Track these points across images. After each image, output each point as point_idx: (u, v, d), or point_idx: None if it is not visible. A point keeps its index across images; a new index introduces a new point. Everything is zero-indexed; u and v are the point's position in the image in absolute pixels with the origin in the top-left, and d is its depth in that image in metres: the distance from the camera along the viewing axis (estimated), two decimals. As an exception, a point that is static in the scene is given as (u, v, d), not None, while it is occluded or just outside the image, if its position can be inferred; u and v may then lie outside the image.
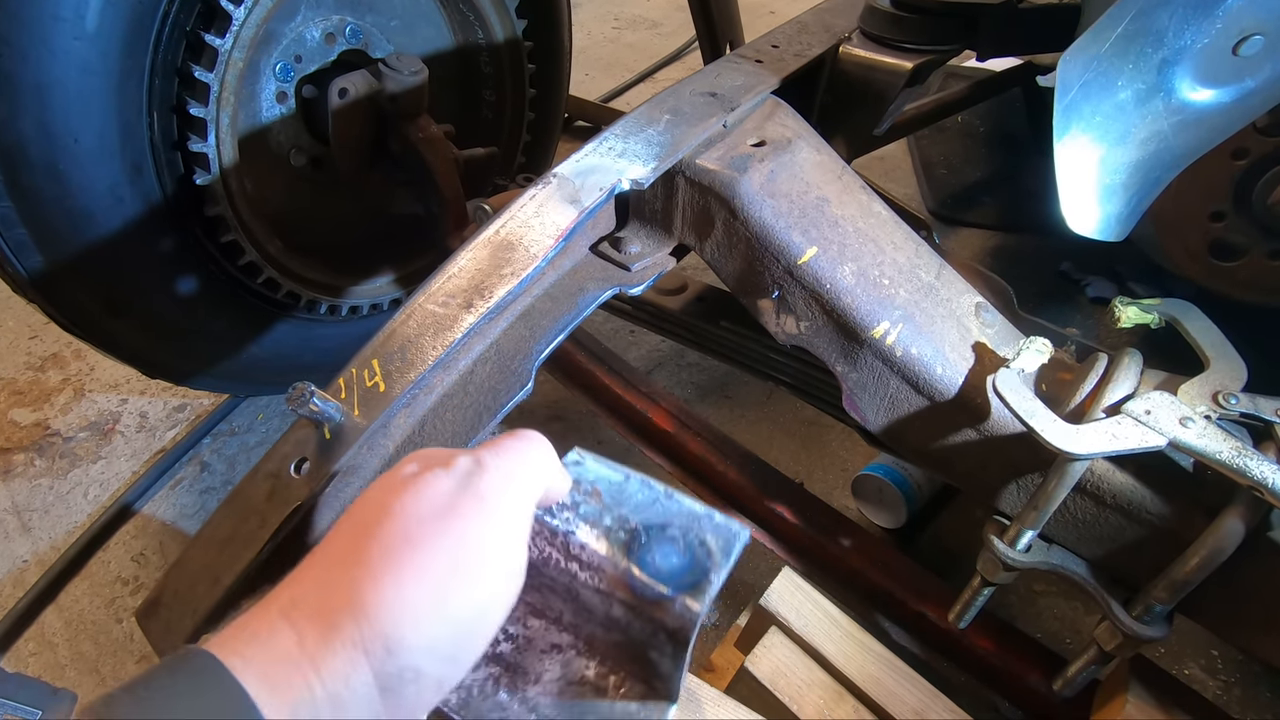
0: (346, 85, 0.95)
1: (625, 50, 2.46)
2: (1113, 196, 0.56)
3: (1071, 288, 1.47)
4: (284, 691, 0.29)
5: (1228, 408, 0.51)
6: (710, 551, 0.41)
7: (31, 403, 1.28)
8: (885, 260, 0.64)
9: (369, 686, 0.31)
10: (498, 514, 0.35)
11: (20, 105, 0.73)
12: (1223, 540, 0.50)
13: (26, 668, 0.94)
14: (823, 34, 0.86)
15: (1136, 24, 0.48)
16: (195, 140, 0.85)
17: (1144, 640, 0.57)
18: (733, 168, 0.63)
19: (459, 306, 0.54)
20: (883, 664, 0.75)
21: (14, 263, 0.81)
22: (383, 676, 0.31)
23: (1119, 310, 0.58)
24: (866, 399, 0.65)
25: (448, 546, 0.33)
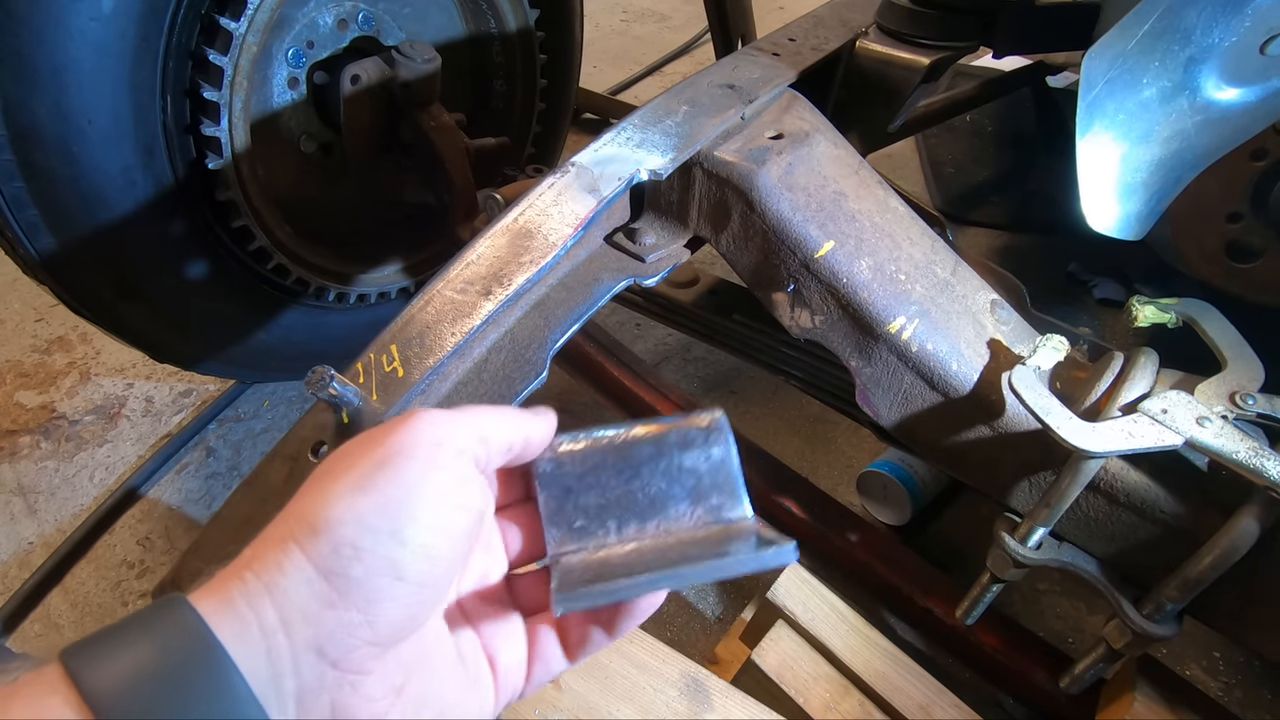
0: (359, 72, 0.95)
1: (633, 43, 2.45)
2: (1133, 195, 0.56)
3: (1079, 288, 1.47)
4: (220, 592, 0.30)
5: (1245, 408, 0.51)
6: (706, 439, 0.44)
7: (37, 385, 1.28)
8: (902, 255, 0.64)
9: (305, 569, 0.30)
10: (428, 422, 0.35)
11: (36, 86, 0.73)
12: (1237, 540, 0.51)
13: (33, 649, 0.94)
14: (839, 28, 0.86)
15: (1164, 21, 0.48)
16: (208, 124, 0.85)
17: (1154, 639, 0.57)
18: (751, 160, 0.63)
19: (477, 294, 0.54)
20: (888, 659, 0.75)
21: (25, 244, 0.80)
22: (318, 556, 0.30)
23: (1136, 309, 0.58)
24: (880, 394, 0.65)
25: (374, 453, 0.33)
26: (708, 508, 0.42)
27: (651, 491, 0.42)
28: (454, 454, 0.35)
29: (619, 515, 0.42)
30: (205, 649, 0.28)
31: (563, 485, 0.41)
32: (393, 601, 0.31)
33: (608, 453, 0.42)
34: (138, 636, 0.28)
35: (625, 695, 0.65)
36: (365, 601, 0.31)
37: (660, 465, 0.42)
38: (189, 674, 0.27)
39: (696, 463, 0.42)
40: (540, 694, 0.64)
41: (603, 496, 0.42)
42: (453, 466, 0.35)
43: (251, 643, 0.29)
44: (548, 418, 0.41)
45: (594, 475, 0.42)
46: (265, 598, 0.30)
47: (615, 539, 0.42)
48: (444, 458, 0.34)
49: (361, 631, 0.31)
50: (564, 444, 0.42)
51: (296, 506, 0.32)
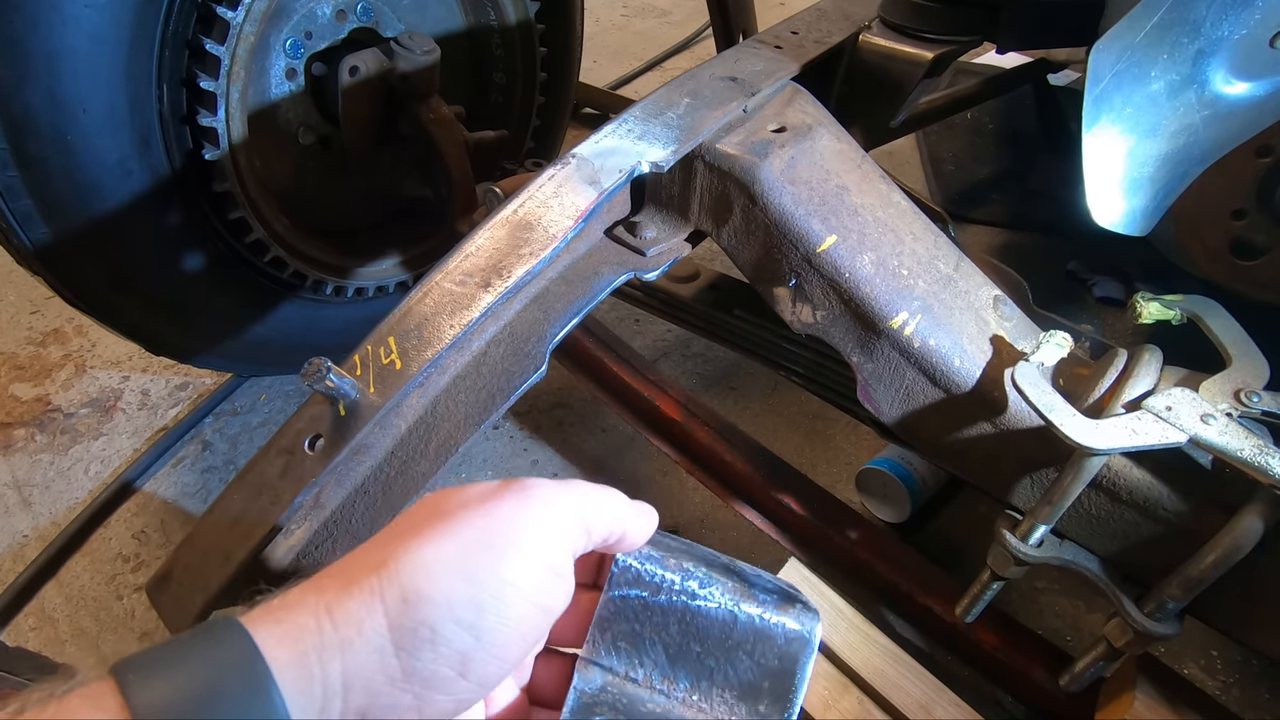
0: (357, 63, 0.94)
1: (633, 38, 2.44)
2: (1139, 190, 0.55)
3: (1078, 287, 1.47)
4: (293, 636, 0.29)
5: (1250, 406, 0.51)
6: (787, 584, 0.41)
7: (32, 378, 1.28)
8: (904, 250, 0.63)
9: (382, 637, 0.30)
10: (539, 502, 0.34)
11: (29, 73, 0.72)
12: (1240, 538, 0.50)
13: (27, 642, 0.93)
14: (842, 22, 0.85)
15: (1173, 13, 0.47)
16: (204, 114, 0.84)
17: (1155, 638, 0.57)
18: (753, 153, 0.62)
19: (476, 286, 0.53)
20: (888, 656, 0.75)
21: (19, 234, 0.80)
22: (398, 629, 0.30)
23: (1140, 306, 0.58)
24: (882, 390, 0.64)
25: (480, 522, 0.32)
26: (751, 708, 0.39)
27: (705, 660, 0.39)
28: (558, 549, 0.34)
29: (662, 661, 0.39)
30: (265, 699, 0.27)
31: (627, 600, 0.39)
32: (448, 694, 0.31)
33: (685, 596, 0.39)
34: (197, 664, 0.28)
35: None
36: (423, 687, 0.30)
37: (729, 641, 0.39)
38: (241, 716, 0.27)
39: (765, 658, 0.39)
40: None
41: (657, 634, 0.39)
42: (554, 563, 0.34)
43: (311, 700, 0.28)
44: (650, 517, 0.39)
45: (661, 612, 0.39)
46: (337, 657, 0.29)
47: (646, 681, 0.39)
48: (548, 553, 0.34)
49: (409, 713, 0.31)
50: (650, 562, 0.40)
51: (391, 552, 0.31)
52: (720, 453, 0.94)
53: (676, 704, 0.39)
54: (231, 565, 0.47)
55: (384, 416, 0.50)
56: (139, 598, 0.98)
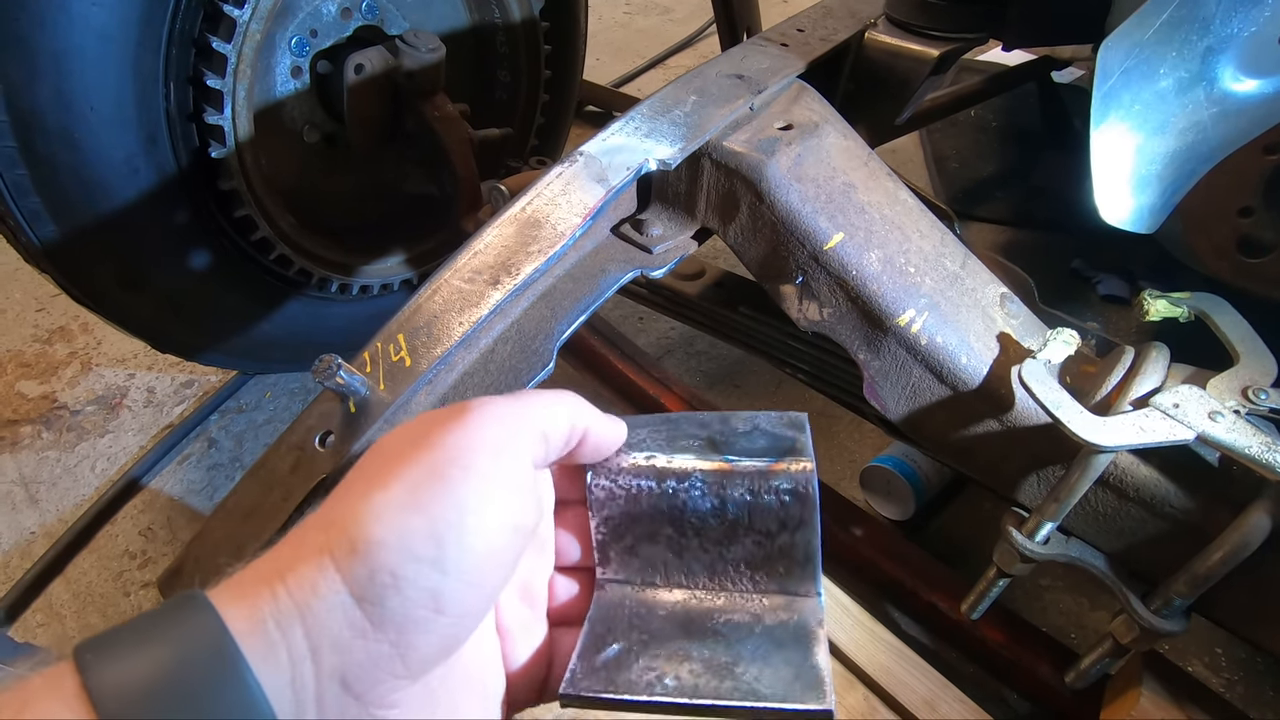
0: (362, 61, 0.94)
1: (636, 36, 2.44)
2: (1147, 187, 0.55)
3: (1082, 285, 1.47)
4: (248, 605, 0.28)
5: (1258, 403, 0.51)
6: (785, 426, 0.39)
7: (39, 375, 1.28)
8: (911, 248, 0.63)
9: (340, 592, 0.28)
10: (485, 420, 0.32)
11: (37, 71, 0.72)
12: (1248, 535, 0.50)
13: (34, 639, 0.93)
14: (848, 19, 0.85)
15: (1183, 10, 0.47)
16: (211, 112, 0.84)
17: (1162, 634, 0.57)
18: (760, 150, 0.63)
19: (485, 283, 0.53)
20: (893, 653, 0.75)
21: (27, 231, 0.80)
22: (355, 581, 0.28)
23: (1148, 303, 0.58)
24: (888, 387, 0.64)
25: (425, 457, 0.30)
26: (775, 577, 0.37)
27: (711, 548, 0.37)
28: (515, 464, 0.32)
29: (671, 560, 0.38)
30: (232, 671, 0.26)
31: (611, 519, 0.38)
32: (428, 635, 0.29)
33: (666, 498, 0.37)
34: (158, 641, 0.27)
35: (630, 688, 0.65)
36: (398, 633, 0.29)
37: (725, 524, 0.37)
38: (211, 694, 0.26)
39: (769, 526, 0.37)
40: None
41: (654, 538, 0.38)
42: (513, 480, 0.32)
43: (279, 669, 0.27)
44: (615, 423, 0.38)
45: (649, 519, 0.38)
46: (297, 621, 0.28)
47: (664, 582, 0.38)
48: (505, 470, 0.31)
49: (391, 665, 0.29)
50: (620, 476, 0.38)
51: (338, 508, 0.30)
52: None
53: (701, 594, 0.37)
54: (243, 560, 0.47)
55: (394, 414, 0.50)
56: (146, 594, 0.99)
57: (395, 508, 0.29)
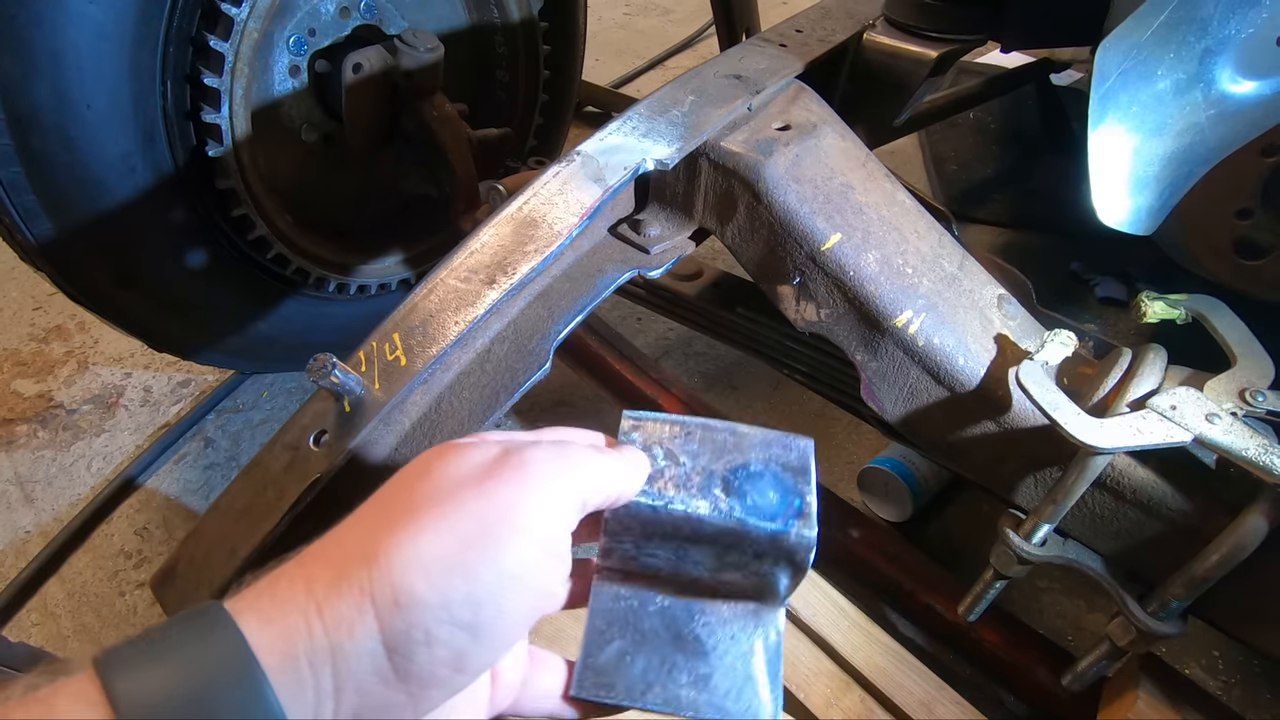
0: (361, 60, 0.94)
1: (636, 36, 2.44)
2: (1145, 189, 0.55)
3: (1080, 287, 1.47)
4: (283, 637, 0.28)
5: (1255, 405, 0.51)
6: (794, 472, 0.42)
7: (35, 374, 1.28)
8: (909, 249, 0.63)
9: (374, 640, 0.28)
10: (538, 483, 0.32)
11: (34, 69, 0.72)
12: (1245, 537, 0.50)
13: (29, 638, 0.93)
14: (846, 20, 0.85)
15: (1180, 11, 0.47)
16: (208, 111, 0.84)
17: (1159, 637, 0.57)
18: (758, 151, 0.62)
19: (481, 282, 0.53)
20: (890, 655, 0.75)
21: (23, 229, 0.80)
22: (390, 632, 0.29)
23: (1145, 305, 0.58)
24: (885, 389, 0.64)
25: (478, 508, 0.31)
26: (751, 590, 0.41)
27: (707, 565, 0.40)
28: (561, 531, 0.33)
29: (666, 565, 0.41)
30: (259, 701, 0.26)
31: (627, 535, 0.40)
32: (444, 689, 0.31)
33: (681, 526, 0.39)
34: (185, 661, 0.27)
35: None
36: (418, 686, 0.30)
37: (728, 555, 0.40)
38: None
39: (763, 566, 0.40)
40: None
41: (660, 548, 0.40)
42: (556, 547, 0.33)
43: (304, 705, 0.28)
44: (640, 470, 0.39)
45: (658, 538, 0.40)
46: (329, 661, 0.28)
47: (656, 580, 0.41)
48: (551, 537, 0.32)
49: (404, 711, 0.30)
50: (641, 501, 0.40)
51: (383, 540, 0.30)
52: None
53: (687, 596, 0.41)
54: (237, 560, 0.47)
55: (388, 413, 0.50)
56: (141, 594, 0.99)
57: (443, 566, 0.29)
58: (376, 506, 0.32)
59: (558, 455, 0.34)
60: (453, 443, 0.35)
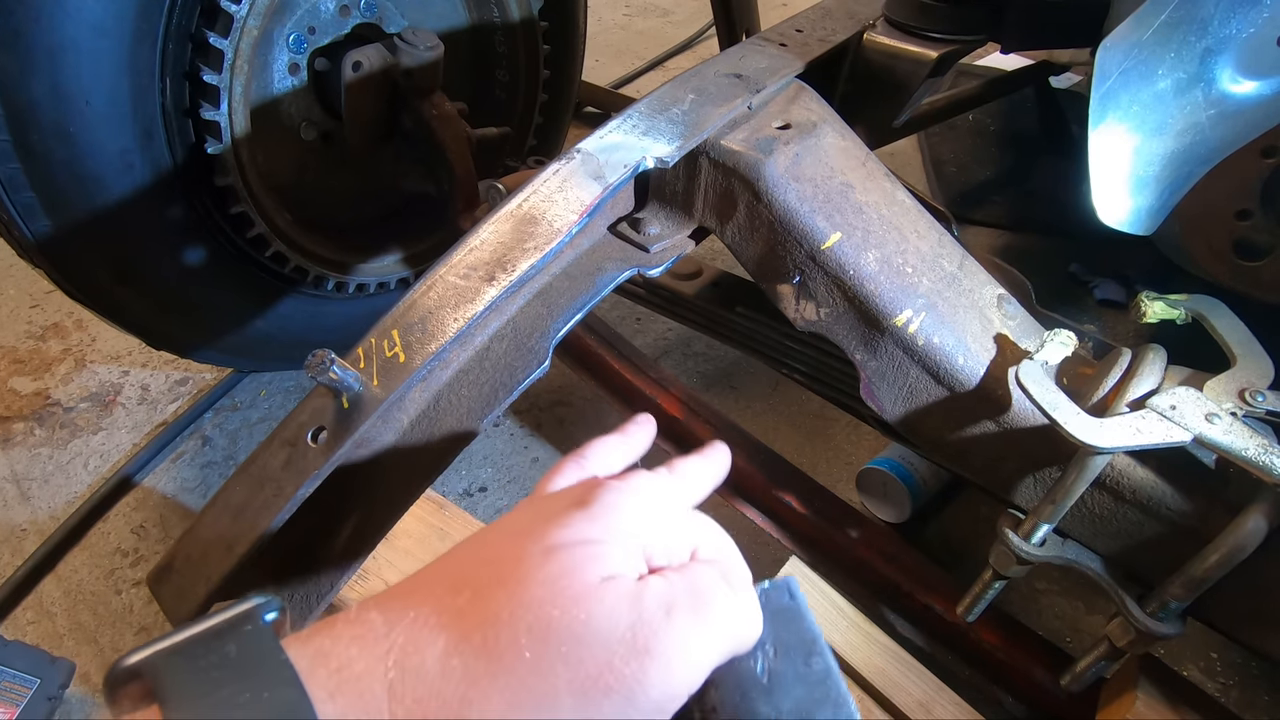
0: (360, 59, 0.94)
1: (635, 37, 2.44)
2: (1145, 189, 0.55)
3: (1079, 289, 1.47)
4: None
5: (1254, 405, 0.51)
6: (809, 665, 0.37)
7: (32, 372, 1.27)
8: (909, 248, 0.63)
9: None
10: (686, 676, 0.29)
11: (33, 65, 0.72)
12: (1244, 538, 0.50)
13: (24, 636, 0.93)
14: (846, 20, 0.85)
15: (1181, 11, 0.47)
16: (207, 108, 0.84)
17: (1158, 637, 0.57)
18: (758, 150, 0.62)
19: (481, 279, 0.53)
20: (888, 655, 0.75)
21: (21, 226, 0.79)
22: None
23: (1145, 305, 0.58)
24: (885, 388, 0.64)
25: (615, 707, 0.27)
26: None
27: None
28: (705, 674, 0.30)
29: None
30: None
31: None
32: None
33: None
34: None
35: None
36: None
37: None
38: None
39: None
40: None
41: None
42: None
43: None
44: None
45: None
46: None
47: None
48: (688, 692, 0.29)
49: None
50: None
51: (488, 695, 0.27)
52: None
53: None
54: (234, 556, 0.47)
55: (387, 410, 0.50)
56: (137, 592, 0.98)
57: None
58: (492, 648, 0.28)
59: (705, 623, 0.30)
60: (578, 540, 0.31)
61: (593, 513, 0.32)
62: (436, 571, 0.32)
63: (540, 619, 0.28)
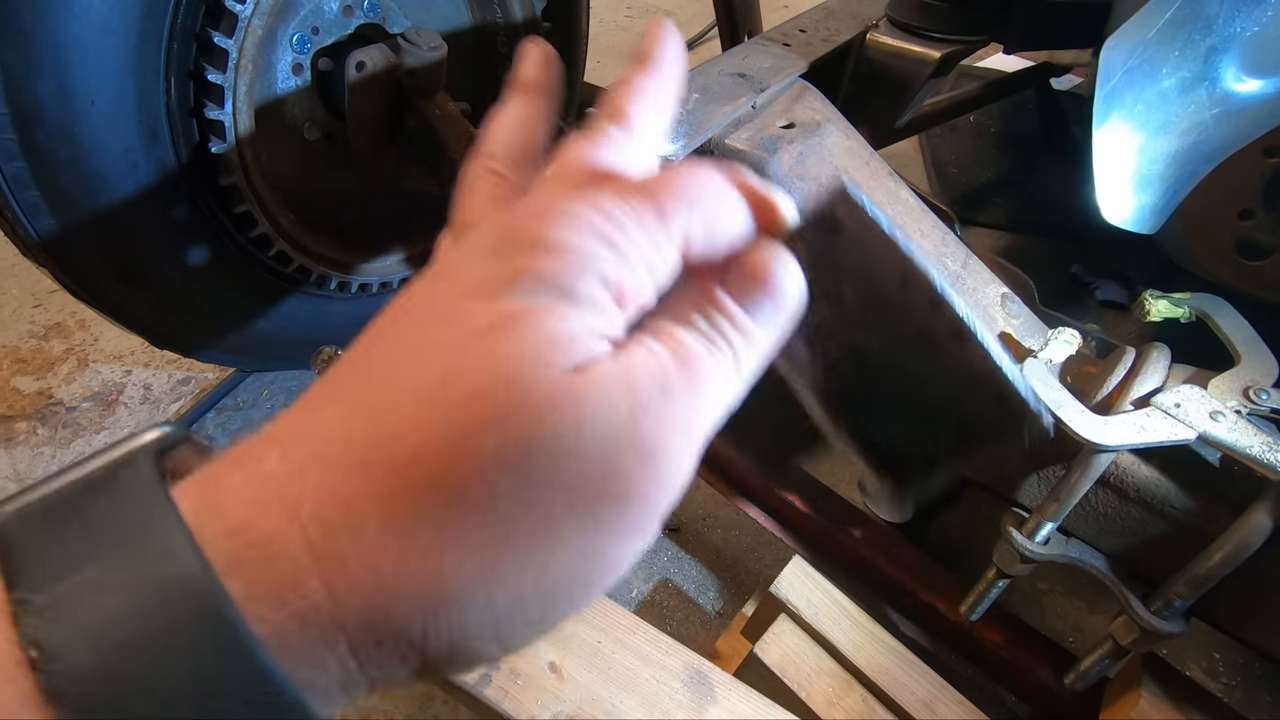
0: (364, 59, 0.94)
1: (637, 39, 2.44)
2: (1149, 187, 0.55)
3: (1081, 290, 1.47)
4: (310, 669, 0.20)
5: (1259, 403, 0.51)
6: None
7: (35, 371, 1.27)
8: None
9: (410, 665, 0.21)
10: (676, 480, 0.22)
11: (38, 64, 0.72)
12: (1249, 535, 0.50)
13: (26, 636, 0.93)
14: (850, 20, 0.86)
15: (1186, 9, 0.47)
16: (211, 107, 0.84)
17: (1162, 636, 0.57)
18: (762, 148, 0.63)
19: (486, 277, 0.53)
20: (891, 654, 0.75)
21: (26, 225, 0.79)
22: (432, 673, 0.22)
23: (1149, 304, 0.58)
24: (889, 387, 0.64)
25: (590, 547, 0.21)
26: None
27: None
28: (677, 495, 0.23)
29: None
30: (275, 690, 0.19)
31: None
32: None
33: None
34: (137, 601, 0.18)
35: (628, 687, 0.65)
36: (452, 669, 0.22)
37: None
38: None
39: None
40: (541, 684, 0.63)
41: None
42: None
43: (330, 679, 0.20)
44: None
45: None
46: (364, 686, 0.21)
47: None
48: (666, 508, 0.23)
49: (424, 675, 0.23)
50: None
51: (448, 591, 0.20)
52: (724, 450, 0.94)
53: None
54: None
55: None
56: (140, 592, 0.98)
57: (521, 627, 0.22)
58: (431, 486, 0.20)
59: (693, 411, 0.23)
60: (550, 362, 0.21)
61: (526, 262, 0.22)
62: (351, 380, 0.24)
63: (511, 435, 0.20)
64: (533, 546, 0.21)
